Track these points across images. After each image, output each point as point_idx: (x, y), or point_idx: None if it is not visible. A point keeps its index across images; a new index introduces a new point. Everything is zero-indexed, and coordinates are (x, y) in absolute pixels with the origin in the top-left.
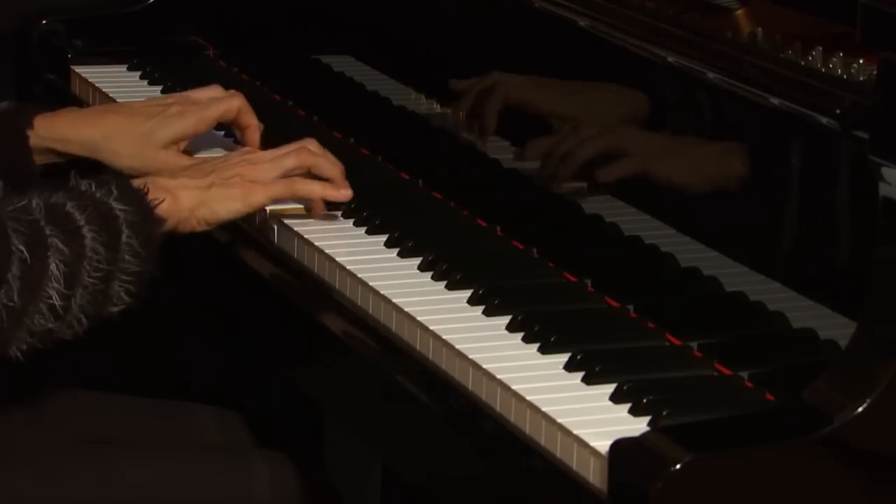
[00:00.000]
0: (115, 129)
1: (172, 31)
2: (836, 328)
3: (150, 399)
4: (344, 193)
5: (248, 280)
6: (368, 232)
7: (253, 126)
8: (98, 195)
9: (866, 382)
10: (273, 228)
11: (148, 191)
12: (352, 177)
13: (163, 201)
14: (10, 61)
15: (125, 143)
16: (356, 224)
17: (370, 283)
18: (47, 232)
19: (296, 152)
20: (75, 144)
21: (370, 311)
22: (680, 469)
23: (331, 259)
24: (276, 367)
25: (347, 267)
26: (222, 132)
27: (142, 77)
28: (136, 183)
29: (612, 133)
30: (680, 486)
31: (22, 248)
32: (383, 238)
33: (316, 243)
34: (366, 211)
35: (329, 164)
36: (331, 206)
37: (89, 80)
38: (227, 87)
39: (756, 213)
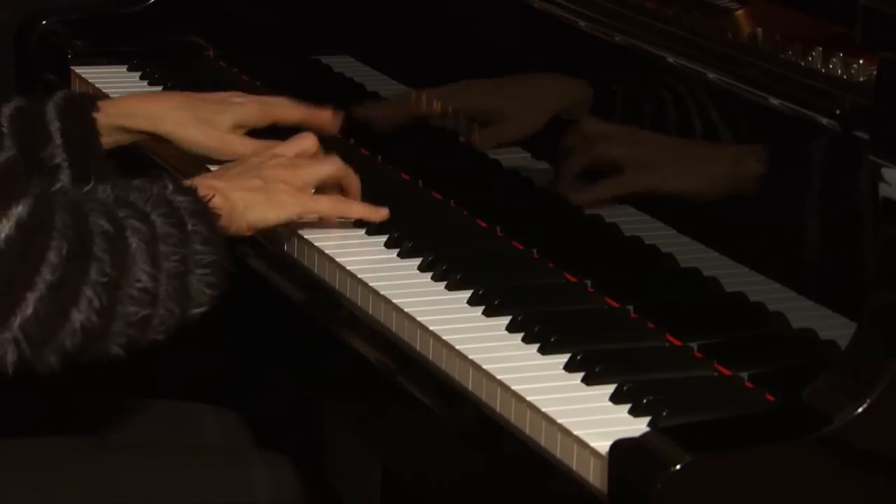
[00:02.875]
0: (181, 104)
1: (172, 31)
2: (836, 328)
3: (149, 399)
4: (382, 214)
5: (247, 280)
6: (368, 232)
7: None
8: (155, 189)
9: (866, 382)
10: (273, 229)
11: (196, 187)
12: None
13: (213, 196)
14: (10, 61)
15: (190, 116)
16: (356, 225)
17: (370, 284)
18: (121, 214)
19: (331, 161)
20: (142, 119)
21: (370, 312)
22: (680, 469)
23: (331, 260)
24: (276, 367)
25: (348, 268)
26: None
27: (142, 77)
28: (185, 182)
29: (613, 134)
30: (680, 487)
31: (103, 222)
32: (383, 238)
33: (316, 244)
34: None
35: (355, 179)
36: None
37: (89, 80)
38: (226, 87)
39: (756, 214)
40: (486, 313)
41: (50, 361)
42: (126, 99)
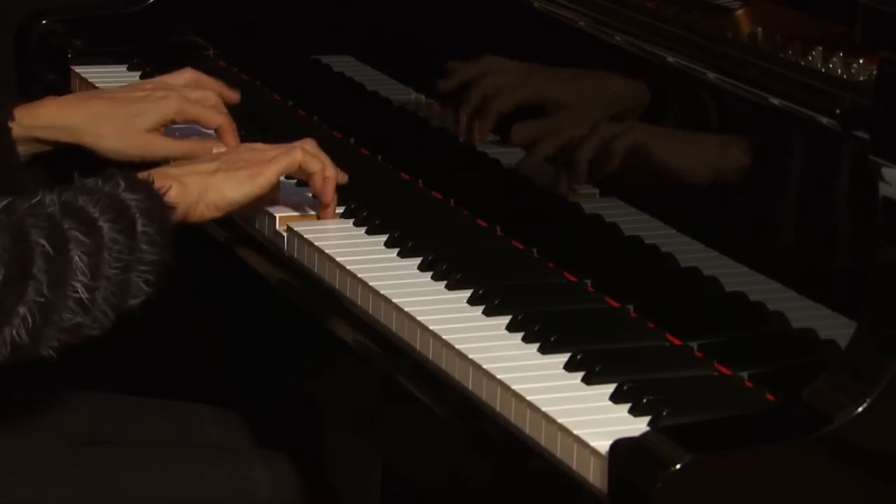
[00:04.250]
0: (98, 112)
1: (172, 31)
2: (836, 328)
3: (149, 399)
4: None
5: (247, 280)
6: (368, 232)
7: (223, 126)
8: (106, 188)
9: (866, 382)
10: (273, 228)
11: (153, 180)
12: (352, 177)
13: (170, 188)
14: (10, 61)
15: (108, 126)
16: (356, 224)
17: (370, 284)
18: (65, 225)
19: (300, 147)
20: (58, 130)
21: (370, 311)
22: (680, 469)
23: (331, 259)
24: (276, 366)
25: (347, 267)
26: None
27: (142, 77)
28: (140, 175)
29: (613, 133)
30: (680, 486)
31: (43, 241)
32: (383, 238)
33: (316, 243)
34: (366, 211)
35: (331, 165)
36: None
37: (89, 80)
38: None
39: (756, 214)
40: (486, 313)
41: None
42: (41, 107)
